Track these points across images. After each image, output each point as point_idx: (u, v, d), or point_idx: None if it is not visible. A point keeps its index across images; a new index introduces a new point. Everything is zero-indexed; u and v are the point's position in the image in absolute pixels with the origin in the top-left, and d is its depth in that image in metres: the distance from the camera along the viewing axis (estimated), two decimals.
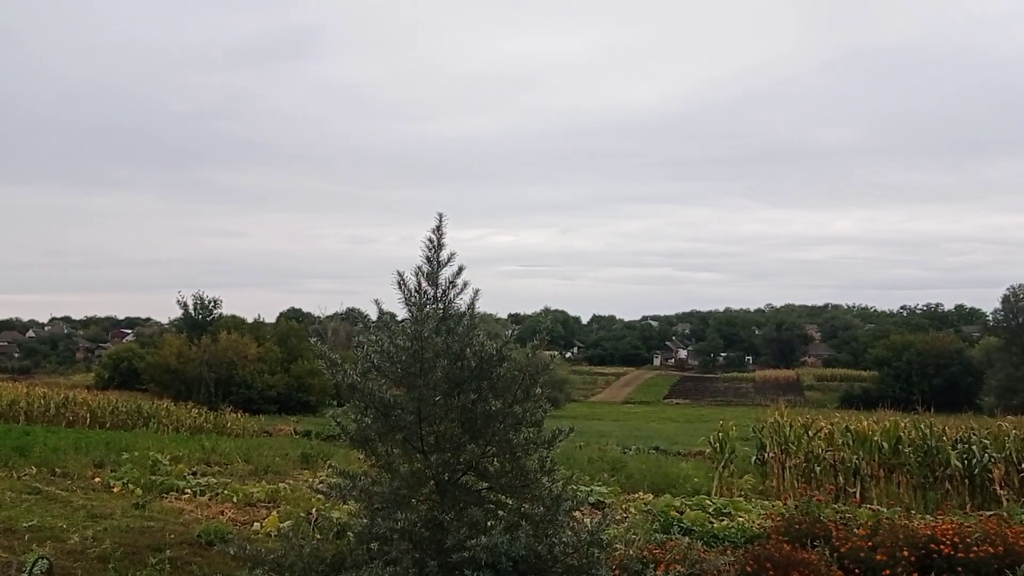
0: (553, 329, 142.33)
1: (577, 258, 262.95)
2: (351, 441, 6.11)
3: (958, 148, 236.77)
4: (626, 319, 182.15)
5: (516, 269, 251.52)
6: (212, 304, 76.52)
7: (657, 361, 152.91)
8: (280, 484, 15.55)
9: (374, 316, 6.22)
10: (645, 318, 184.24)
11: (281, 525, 10.28)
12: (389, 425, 5.81)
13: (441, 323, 5.87)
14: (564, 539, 5.52)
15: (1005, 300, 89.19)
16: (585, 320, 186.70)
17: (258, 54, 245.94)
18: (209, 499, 13.82)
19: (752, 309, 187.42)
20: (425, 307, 5.86)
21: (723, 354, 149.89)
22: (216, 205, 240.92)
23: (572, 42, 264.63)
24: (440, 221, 5.97)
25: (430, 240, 5.99)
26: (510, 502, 5.93)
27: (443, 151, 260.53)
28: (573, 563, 5.52)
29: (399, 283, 5.90)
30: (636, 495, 15.37)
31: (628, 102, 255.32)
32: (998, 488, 16.29)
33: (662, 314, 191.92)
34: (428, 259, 5.98)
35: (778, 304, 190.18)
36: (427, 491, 5.97)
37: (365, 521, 6.00)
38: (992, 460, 16.71)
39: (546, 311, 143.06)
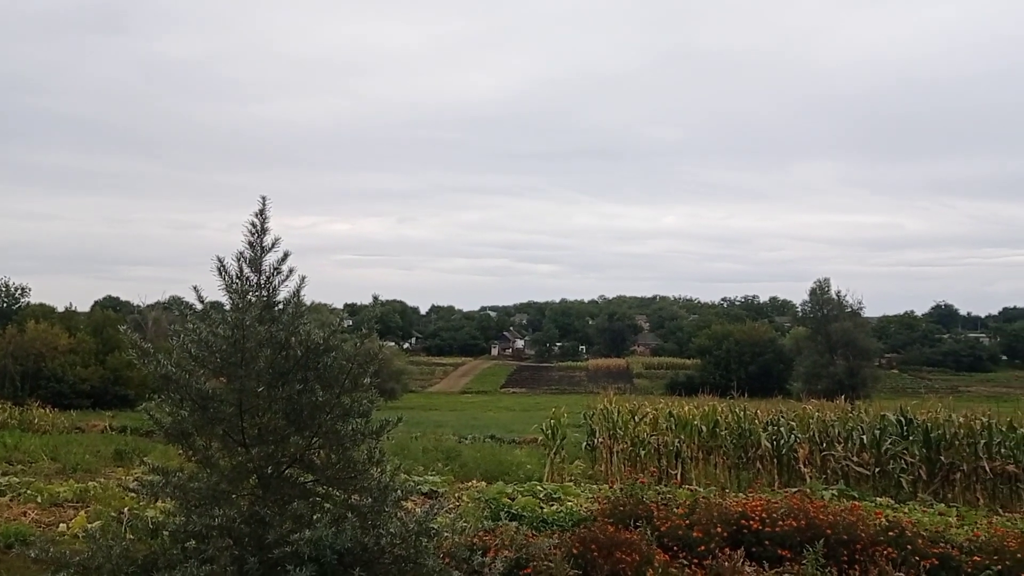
0: (389, 319, 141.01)
1: (415, 248, 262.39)
2: (166, 435, 5.82)
3: (772, 150, 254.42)
4: (465, 309, 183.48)
5: (352, 258, 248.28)
6: (19, 292, 71.42)
7: (495, 351, 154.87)
8: (90, 483, 14.63)
9: (198, 305, 5.91)
10: (483, 308, 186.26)
11: (89, 526, 9.66)
12: (207, 418, 5.55)
13: (265, 311, 5.65)
14: (392, 529, 5.47)
15: (812, 293, 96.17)
16: (424, 310, 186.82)
17: (72, 23, 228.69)
18: (11, 500, 12.87)
19: (586, 300, 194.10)
20: (247, 294, 5.62)
21: (559, 344, 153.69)
22: (23, 185, 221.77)
23: (407, 30, 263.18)
24: (264, 205, 5.75)
25: (253, 225, 5.75)
26: (337, 494, 5.80)
27: (275, 135, 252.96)
28: (401, 553, 5.47)
29: (219, 269, 5.63)
30: (470, 483, 15.51)
31: (465, 94, 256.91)
32: (802, 466, 17.58)
33: (500, 304, 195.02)
34: (251, 244, 5.74)
35: (610, 295, 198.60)
36: (249, 485, 5.76)
37: (181, 519, 5.71)
38: (797, 440, 18.02)
39: (376, 299, 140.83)
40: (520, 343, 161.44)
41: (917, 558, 8.88)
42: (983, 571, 8.66)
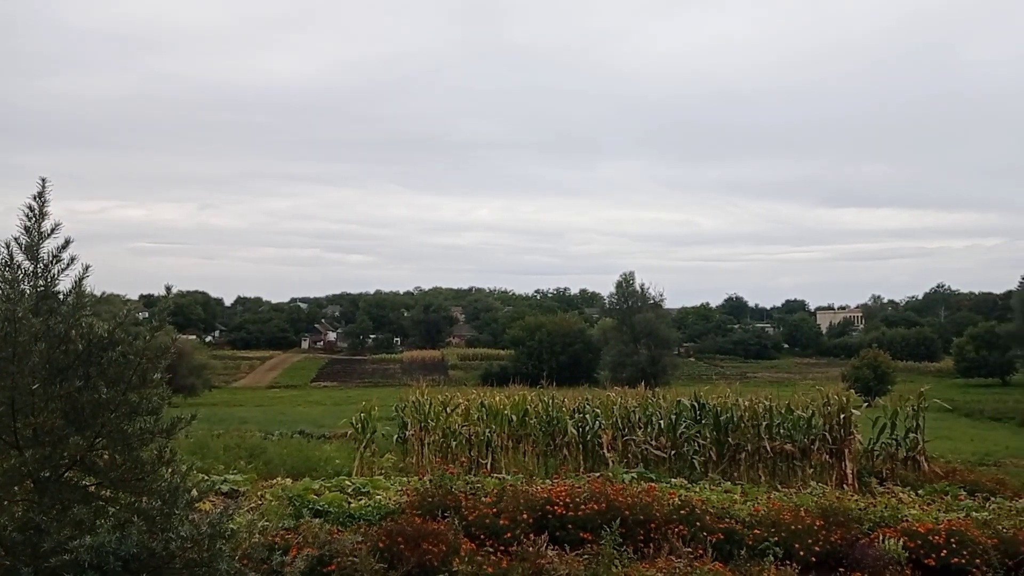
0: (189, 310, 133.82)
1: (219, 236, 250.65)
2: None
3: (581, 147, 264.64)
4: (273, 301, 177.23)
5: (148, 246, 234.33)
6: None
7: (306, 344, 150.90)
8: None
9: None
10: (294, 300, 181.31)
11: None
12: None
13: (41, 302, 5.21)
14: (183, 533, 5.20)
15: (618, 285, 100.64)
16: (229, 302, 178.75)
17: None
18: None
19: (401, 292, 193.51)
20: (20, 284, 5.16)
21: (372, 336, 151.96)
22: None
23: (209, 6, 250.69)
24: (43, 187, 5.31)
25: (31, 208, 5.30)
26: (123, 497, 5.46)
27: (61, 112, 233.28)
28: (193, 557, 5.23)
29: None
30: (274, 480, 15.02)
31: (271, 77, 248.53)
32: (606, 451, 18.38)
33: (312, 296, 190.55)
34: (27, 229, 5.28)
35: (426, 287, 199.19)
36: (23, 490, 5.31)
37: None
38: (602, 427, 18.82)
39: (168, 289, 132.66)
40: (332, 336, 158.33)
41: (705, 534, 9.55)
42: (762, 543, 9.44)
